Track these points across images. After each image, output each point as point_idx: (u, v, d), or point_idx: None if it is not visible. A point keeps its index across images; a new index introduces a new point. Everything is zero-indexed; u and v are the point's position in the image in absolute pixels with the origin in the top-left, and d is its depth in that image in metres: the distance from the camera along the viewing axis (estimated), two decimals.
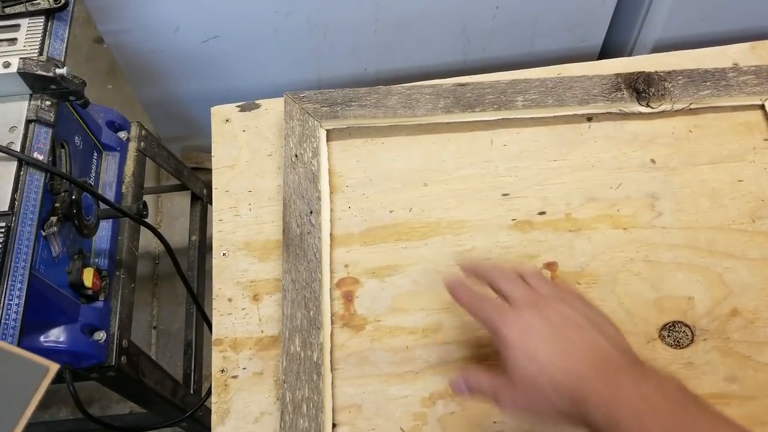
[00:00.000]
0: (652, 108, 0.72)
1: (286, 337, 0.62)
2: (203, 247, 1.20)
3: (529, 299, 0.51)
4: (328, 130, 0.73)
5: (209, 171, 0.80)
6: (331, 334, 0.64)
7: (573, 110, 0.72)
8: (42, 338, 0.70)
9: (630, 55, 1.09)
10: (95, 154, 0.86)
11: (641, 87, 0.72)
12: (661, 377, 0.45)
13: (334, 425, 0.61)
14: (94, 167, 0.85)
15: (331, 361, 0.63)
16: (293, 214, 0.68)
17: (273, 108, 0.76)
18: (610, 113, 0.73)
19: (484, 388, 0.50)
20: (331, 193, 0.71)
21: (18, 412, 0.41)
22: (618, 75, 0.73)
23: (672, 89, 0.72)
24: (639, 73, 0.73)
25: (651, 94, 0.72)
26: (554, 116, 0.73)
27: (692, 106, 0.72)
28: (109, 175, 0.88)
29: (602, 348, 0.46)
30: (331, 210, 0.70)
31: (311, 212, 0.68)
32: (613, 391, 0.43)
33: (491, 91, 0.73)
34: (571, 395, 0.44)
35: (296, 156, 0.70)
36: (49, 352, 0.70)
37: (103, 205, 0.79)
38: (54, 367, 0.43)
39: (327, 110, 0.73)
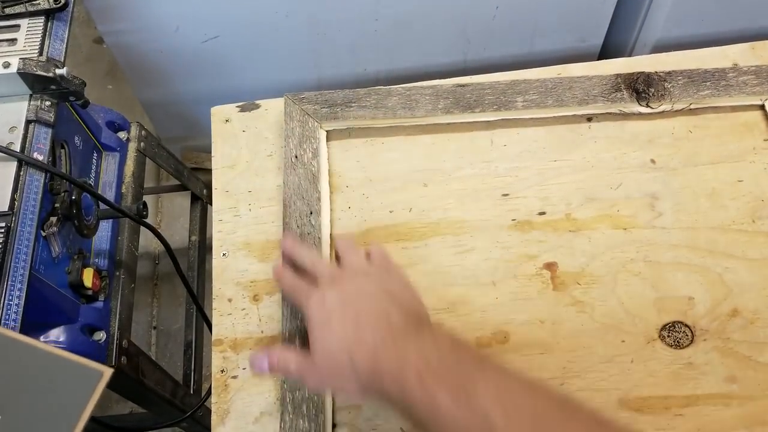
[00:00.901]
0: (652, 108, 0.72)
1: (286, 337, 0.62)
2: (203, 247, 1.20)
3: (330, 276, 0.54)
4: (328, 131, 0.73)
5: (209, 171, 0.80)
6: None
7: (573, 110, 0.72)
8: (42, 338, 0.70)
9: (630, 55, 1.09)
10: (95, 154, 0.86)
11: (641, 87, 0.72)
12: (436, 335, 0.47)
13: (334, 425, 0.61)
14: (94, 167, 0.85)
15: None
16: (293, 215, 0.68)
17: (273, 108, 0.76)
18: (610, 113, 0.73)
19: (291, 369, 0.51)
20: (331, 193, 0.71)
21: (75, 417, 0.42)
22: (618, 75, 0.73)
23: (672, 89, 0.72)
24: (639, 73, 0.73)
25: (651, 94, 0.72)
26: (554, 116, 0.73)
27: (692, 107, 0.72)
28: (109, 175, 0.88)
29: (389, 315, 0.48)
30: (331, 210, 0.70)
31: (311, 213, 0.68)
32: (399, 356, 0.44)
33: (491, 92, 0.73)
34: (368, 369, 0.46)
35: (296, 157, 0.70)
36: None
37: (103, 206, 0.79)
38: (108, 372, 0.43)
39: (327, 111, 0.73)
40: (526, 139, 0.73)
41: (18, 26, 0.71)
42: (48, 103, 0.68)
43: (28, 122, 0.66)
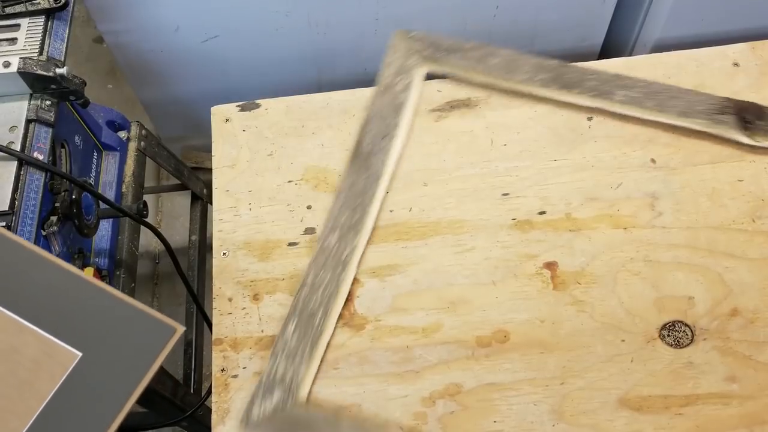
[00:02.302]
0: (757, 142, 0.69)
1: (326, 233, 0.66)
2: (203, 246, 1.20)
3: None
4: (427, 72, 0.75)
5: (209, 171, 0.80)
6: (331, 334, 0.64)
7: (672, 120, 0.71)
8: None
9: (630, 54, 1.09)
10: (95, 153, 0.86)
11: (750, 117, 0.69)
12: None
13: None
14: (94, 167, 0.85)
15: (331, 361, 0.63)
16: (369, 133, 0.71)
17: (273, 108, 0.76)
18: (686, 128, 0.71)
19: None
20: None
21: (142, 369, 0.43)
22: (728, 99, 0.70)
23: None
24: (750, 103, 0.70)
25: (760, 127, 0.68)
26: (650, 119, 0.72)
27: None
28: (109, 174, 0.89)
29: None
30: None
31: (386, 136, 0.70)
32: None
33: (595, 78, 0.73)
34: None
35: (388, 85, 0.73)
36: None
37: (103, 205, 0.79)
38: (180, 329, 0.45)
39: (430, 52, 0.74)
40: (527, 139, 0.73)
41: (18, 26, 0.71)
42: (48, 102, 0.68)
43: (28, 122, 0.66)
